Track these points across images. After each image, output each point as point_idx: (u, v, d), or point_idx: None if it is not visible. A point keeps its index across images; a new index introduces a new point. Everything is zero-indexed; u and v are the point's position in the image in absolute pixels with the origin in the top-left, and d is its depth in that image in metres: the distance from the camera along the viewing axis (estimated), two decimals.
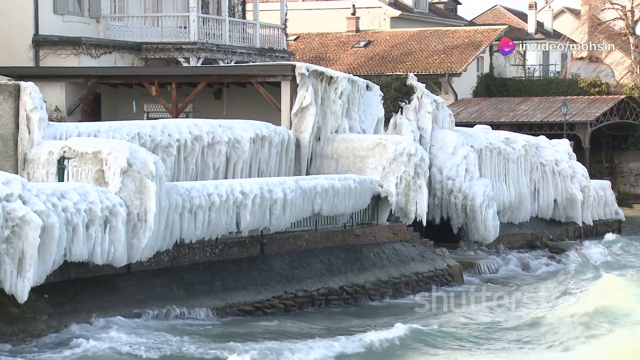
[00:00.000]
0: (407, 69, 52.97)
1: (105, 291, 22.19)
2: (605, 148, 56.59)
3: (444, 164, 35.92)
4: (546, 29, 72.85)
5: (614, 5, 63.88)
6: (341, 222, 29.60)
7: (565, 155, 43.35)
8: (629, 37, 63.45)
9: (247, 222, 25.28)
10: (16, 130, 24.87)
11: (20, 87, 24.97)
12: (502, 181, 38.84)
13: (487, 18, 74.65)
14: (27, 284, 19.56)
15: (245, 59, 42.77)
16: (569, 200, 42.33)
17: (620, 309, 24.18)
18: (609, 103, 54.06)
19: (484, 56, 60.38)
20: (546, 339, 22.02)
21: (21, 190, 19.80)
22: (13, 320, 20.11)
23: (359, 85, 33.52)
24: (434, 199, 35.57)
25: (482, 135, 38.91)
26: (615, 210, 46.44)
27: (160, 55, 40.79)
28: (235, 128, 29.54)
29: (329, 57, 60.44)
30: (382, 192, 30.96)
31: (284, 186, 26.51)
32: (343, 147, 31.76)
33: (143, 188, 22.31)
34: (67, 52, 38.07)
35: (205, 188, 24.54)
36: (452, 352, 20.97)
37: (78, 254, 20.92)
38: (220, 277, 24.71)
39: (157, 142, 27.26)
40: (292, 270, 26.62)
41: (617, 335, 22.03)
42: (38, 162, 24.33)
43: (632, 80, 61.26)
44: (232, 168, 29.23)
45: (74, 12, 39.41)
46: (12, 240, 19.42)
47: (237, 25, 43.81)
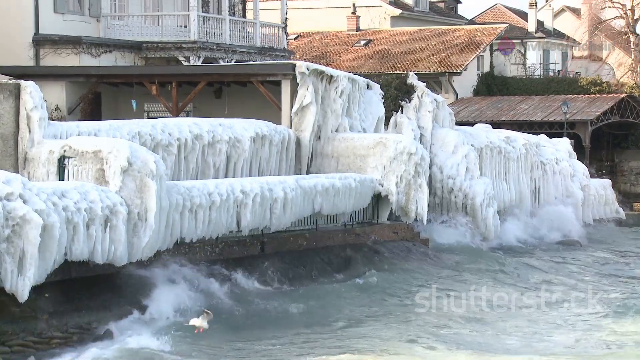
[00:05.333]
0: (407, 68, 52.93)
1: (106, 290, 22.19)
2: (605, 147, 56.51)
3: (445, 163, 35.93)
4: (547, 28, 72.81)
5: (614, 4, 63.84)
6: (341, 221, 29.61)
7: (565, 154, 43.36)
8: (629, 35, 63.43)
9: (248, 221, 25.28)
10: (16, 130, 24.87)
11: (21, 86, 24.97)
12: (502, 180, 38.85)
13: (488, 17, 74.59)
14: (27, 283, 19.56)
15: (245, 58, 42.73)
16: (570, 199, 42.31)
17: None
18: (609, 102, 54.00)
19: (484, 55, 60.34)
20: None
21: (22, 189, 19.80)
22: (14, 319, 20.11)
23: (359, 84, 33.52)
24: (435, 197, 35.59)
25: (482, 134, 38.91)
26: (616, 209, 46.45)
27: (160, 55, 40.75)
28: (235, 127, 29.54)
29: (329, 56, 60.40)
30: (382, 191, 30.97)
31: (285, 185, 26.51)
32: (343, 146, 31.76)
33: (143, 187, 22.31)
34: (68, 51, 38.02)
35: (206, 187, 24.55)
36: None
37: (78, 253, 20.92)
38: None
39: (158, 141, 27.26)
40: (292, 269, 26.63)
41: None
42: (38, 161, 24.33)
43: (632, 78, 61.22)
44: (232, 167, 29.24)
45: (74, 11, 39.37)
46: (12, 240, 19.42)
47: (237, 24, 43.77)
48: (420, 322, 23.70)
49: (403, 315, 24.47)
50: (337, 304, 25.12)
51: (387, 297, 26.31)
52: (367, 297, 26.06)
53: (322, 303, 24.87)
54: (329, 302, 25.13)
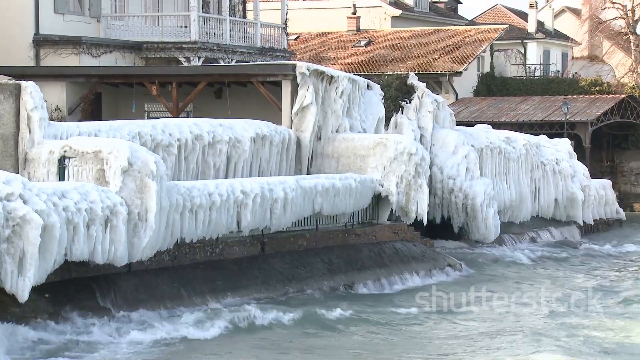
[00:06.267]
0: (407, 69, 52.93)
1: (106, 290, 22.20)
2: (605, 147, 56.52)
3: (445, 163, 35.93)
4: (547, 29, 72.82)
5: (614, 5, 63.83)
6: (342, 221, 29.62)
7: (565, 154, 43.36)
8: (629, 36, 63.42)
9: (248, 221, 25.29)
10: (17, 130, 24.88)
11: (21, 87, 24.97)
12: (502, 180, 38.86)
13: (488, 17, 74.61)
14: (27, 283, 19.54)
15: (245, 59, 42.75)
16: (570, 199, 42.37)
17: None
18: (609, 102, 54.01)
19: (484, 55, 60.34)
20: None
21: (22, 189, 19.79)
22: (14, 319, 20.10)
23: (360, 84, 33.52)
24: (435, 198, 35.60)
25: (482, 134, 38.91)
26: (616, 209, 46.46)
27: (160, 55, 40.77)
28: (235, 127, 29.54)
29: (329, 56, 60.40)
30: (382, 192, 30.97)
31: (285, 185, 26.52)
32: (344, 147, 31.76)
33: (144, 187, 22.31)
34: (68, 52, 38.04)
35: (206, 187, 24.55)
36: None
37: (79, 253, 20.92)
38: (221, 276, 24.70)
39: (158, 141, 27.27)
40: (292, 270, 26.63)
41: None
42: (39, 162, 24.33)
43: (632, 79, 61.21)
44: (232, 167, 29.24)
45: (74, 11, 39.39)
46: (12, 240, 19.41)
47: (237, 25, 43.79)
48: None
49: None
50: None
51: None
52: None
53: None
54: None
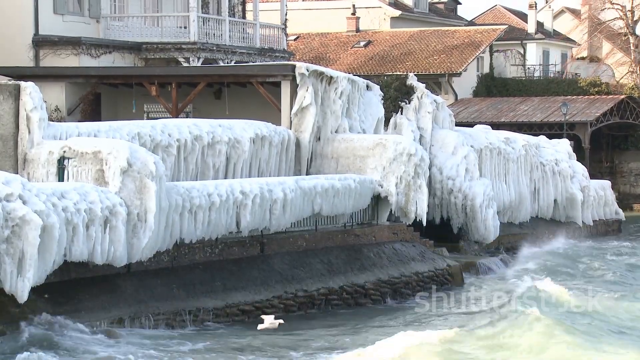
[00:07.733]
0: (407, 69, 52.96)
1: (106, 291, 22.20)
2: (605, 148, 56.59)
3: (444, 164, 35.92)
4: (546, 29, 72.82)
5: (613, 5, 63.85)
6: (341, 222, 29.60)
7: (565, 155, 43.37)
8: (628, 37, 63.43)
9: (247, 222, 25.28)
10: (16, 130, 24.87)
11: (20, 87, 24.97)
12: (502, 181, 38.86)
13: (487, 18, 74.62)
14: (27, 283, 19.56)
15: (245, 59, 42.74)
16: (569, 200, 42.38)
17: None
18: (609, 103, 54.06)
19: (484, 56, 60.39)
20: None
21: (21, 190, 19.80)
22: (13, 320, 20.11)
23: (359, 85, 33.51)
24: (434, 198, 35.58)
25: (482, 135, 38.92)
26: (615, 210, 46.48)
27: (160, 55, 40.77)
28: (235, 128, 29.54)
29: (329, 57, 60.43)
30: (382, 192, 30.96)
31: (284, 186, 26.51)
32: (343, 147, 31.75)
33: (143, 188, 22.31)
34: (67, 52, 38.05)
35: (205, 188, 24.55)
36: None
37: (78, 253, 20.93)
38: (220, 277, 24.71)
39: (157, 142, 27.26)
40: (292, 270, 26.62)
41: None
42: (38, 162, 24.32)
43: (632, 80, 61.25)
44: (232, 168, 29.23)
45: (74, 12, 39.39)
46: (12, 240, 19.43)
47: (237, 25, 43.80)
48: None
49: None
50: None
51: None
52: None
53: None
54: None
